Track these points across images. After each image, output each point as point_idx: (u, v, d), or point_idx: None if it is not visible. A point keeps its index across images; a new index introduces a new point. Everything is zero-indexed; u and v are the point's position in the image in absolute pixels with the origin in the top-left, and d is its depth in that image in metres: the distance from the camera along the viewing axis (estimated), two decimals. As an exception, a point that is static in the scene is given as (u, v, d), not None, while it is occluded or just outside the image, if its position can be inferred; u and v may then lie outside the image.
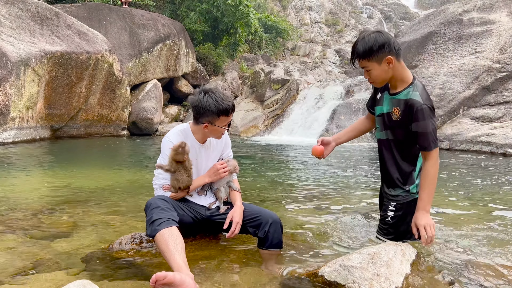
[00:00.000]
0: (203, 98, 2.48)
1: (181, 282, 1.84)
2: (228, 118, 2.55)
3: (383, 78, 2.34)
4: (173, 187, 2.52)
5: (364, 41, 2.25)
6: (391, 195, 2.53)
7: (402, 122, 2.35)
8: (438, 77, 12.41)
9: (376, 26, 31.23)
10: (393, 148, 2.48)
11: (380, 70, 2.29)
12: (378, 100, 2.52)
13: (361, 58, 2.29)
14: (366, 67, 2.31)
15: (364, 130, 2.79)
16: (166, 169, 2.51)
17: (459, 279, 2.20)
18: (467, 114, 11.89)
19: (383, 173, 2.61)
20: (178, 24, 17.66)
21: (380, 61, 2.25)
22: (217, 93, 2.50)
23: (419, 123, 2.26)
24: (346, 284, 1.93)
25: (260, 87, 18.72)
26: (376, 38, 2.23)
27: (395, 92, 2.38)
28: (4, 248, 2.60)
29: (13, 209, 3.70)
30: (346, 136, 2.75)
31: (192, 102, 2.54)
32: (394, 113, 2.37)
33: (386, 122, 2.45)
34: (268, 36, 25.85)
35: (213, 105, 2.45)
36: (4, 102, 9.69)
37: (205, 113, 2.48)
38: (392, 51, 2.25)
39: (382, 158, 2.57)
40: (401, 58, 2.31)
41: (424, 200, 2.31)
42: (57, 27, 12.00)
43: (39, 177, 5.81)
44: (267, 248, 2.54)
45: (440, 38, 13.20)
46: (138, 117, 14.71)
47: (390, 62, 2.25)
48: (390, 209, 2.54)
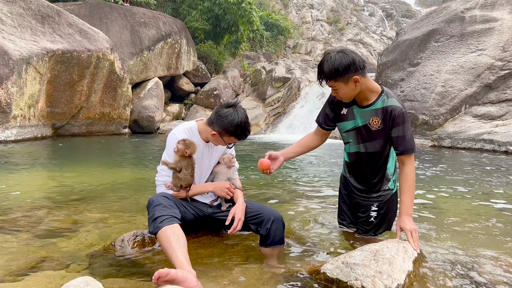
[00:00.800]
0: (231, 113, 2.46)
1: (184, 279, 1.84)
2: (237, 141, 2.56)
3: (351, 95, 2.38)
4: (175, 185, 2.53)
5: (329, 62, 2.27)
6: (373, 197, 2.64)
7: (383, 130, 2.40)
8: (440, 75, 12.39)
9: (378, 24, 31.20)
10: (372, 158, 2.53)
11: (348, 89, 2.33)
12: (344, 115, 2.54)
13: (328, 79, 2.32)
14: (333, 86, 2.35)
15: (312, 146, 2.79)
16: (171, 167, 2.52)
17: (462, 277, 2.20)
18: (469, 112, 11.86)
19: (361, 182, 2.67)
20: (179, 22, 17.64)
21: (347, 81, 2.29)
22: (242, 116, 2.47)
23: (400, 127, 2.33)
24: (348, 281, 1.93)
25: (262, 85, 18.71)
26: (341, 60, 2.24)
27: (368, 104, 2.41)
28: (7, 246, 2.60)
29: (16, 207, 3.71)
30: (294, 152, 2.75)
31: (217, 110, 2.51)
32: (373, 124, 2.41)
33: (363, 134, 2.47)
34: (270, 34, 25.82)
35: (235, 125, 2.44)
36: (6, 101, 9.70)
37: (221, 125, 2.46)
38: (358, 71, 2.27)
39: (360, 169, 2.62)
40: (366, 73, 2.34)
41: (407, 205, 2.37)
42: (59, 25, 12.00)
43: (41, 175, 5.82)
44: (269, 245, 2.55)
45: (442, 35, 13.16)
46: (140, 115, 14.72)
47: (356, 81, 2.29)
48: (372, 209, 2.65)
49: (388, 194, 2.64)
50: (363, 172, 2.63)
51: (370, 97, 2.41)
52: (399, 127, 2.34)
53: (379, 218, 2.66)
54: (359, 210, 2.74)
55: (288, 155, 2.70)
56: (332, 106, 2.62)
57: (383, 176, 2.61)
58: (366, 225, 2.70)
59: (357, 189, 2.72)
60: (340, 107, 2.56)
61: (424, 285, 2.04)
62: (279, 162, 2.63)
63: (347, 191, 2.85)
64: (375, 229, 2.70)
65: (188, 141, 2.49)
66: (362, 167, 2.61)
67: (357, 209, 2.78)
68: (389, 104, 2.36)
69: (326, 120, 2.68)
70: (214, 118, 2.51)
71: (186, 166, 2.51)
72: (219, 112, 2.49)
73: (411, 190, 2.38)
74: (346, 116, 2.54)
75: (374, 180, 2.61)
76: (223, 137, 2.51)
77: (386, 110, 2.36)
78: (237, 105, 2.52)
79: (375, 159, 2.54)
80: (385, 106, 2.36)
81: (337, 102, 2.58)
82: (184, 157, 2.50)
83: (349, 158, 2.67)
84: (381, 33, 30.34)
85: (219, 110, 2.51)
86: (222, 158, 2.70)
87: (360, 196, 2.71)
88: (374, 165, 2.56)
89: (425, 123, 12.00)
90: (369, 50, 27.71)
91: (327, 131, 2.74)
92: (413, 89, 12.62)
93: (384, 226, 2.73)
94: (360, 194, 2.71)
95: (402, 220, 2.36)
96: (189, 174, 2.53)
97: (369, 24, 31.12)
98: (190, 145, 2.48)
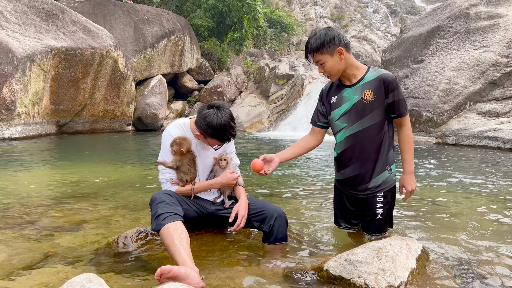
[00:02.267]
0: (210, 115, 2.38)
1: (186, 276, 1.84)
2: (221, 143, 2.51)
3: (337, 69, 2.49)
4: (180, 180, 2.52)
5: (316, 36, 2.45)
6: (375, 187, 2.59)
7: (377, 100, 2.49)
8: (445, 71, 12.32)
9: (382, 21, 31.06)
10: (372, 131, 2.53)
11: (333, 61, 2.46)
12: (334, 103, 2.62)
13: (315, 52, 2.47)
14: (320, 60, 2.48)
15: (308, 146, 2.78)
16: (168, 166, 2.51)
17: (466, 274, 2.19)
18: (474, 109, 11.79)
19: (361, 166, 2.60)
20: (182, 19, 17.63)
21: (332, 52, 2.44)
22: (224, 117, 2.38)
23: (395, 92, 2.47)
24: (351, 278, 1.93)
25: (265, 82, 18.68)
26: (327, 32, 2.44)
27: (358, 80, 2.53)
28: (11, 242, 2.62)
29: (20, 204, 3.73)
30: (289, 153, 2.73)
31: (199, 110, 2.46)
32: (366, 97, 2.49)
33: (359, 111, 2.52)
34: (273, 31, 25.76)
35: (213, 127, 2.37)
36: (10, 98, 9.74)
37: (203, 127, 2.40)
38: (342, 43, 2.44)
39: (359, 149, 2.57)
40: (350, 51, 2.51)
41: (410, 163, 2.60)
42: (62, 23, 12.02)
43: (45, 172, 5.84)
44: (272, 242, 2.54)
45: (446, 32, 13.08)
46: (143, 112, 14.74)
47: (341, 53, 2.43)
48: (378, 206, 2.62)
49: (391, 182, 2.60)
50: (362, 151, 2.56)
51: (357, 74, 2.53)
52: (395, 92, 2.47)
53: (385, 214, 2.63)
54: (362, 209, 2.70)
55: (283, 156, 2.67)
56: (323, 100, 2.70)
57: (386, 153, 2.57)
58: (374, 223, 2.65)
59: (356, 181, 2.63)
60: (330, 98, 2.64)
61: (427, 282, 2.04)
62: (274, 163, 2.59)
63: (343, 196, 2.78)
64: (383, 226, 2.66)
65: (179, 139, 2.47)
66: (361, 146, 2.56)
67: (360, 210, 2.73)
68: (381, 74, 2.48)
69: (318, 116, 2.72)
70: (196, 119, 2.46)
71: (188, 161, 2.51)
72: (200, 113, 2.43)
73: (412, 149, 2.60)
74: (336, 103, 2.61)
75: (376, 156, 2.55)
76: (206, 138, 2.47)
77: (379, 80, 2.47)
78: (221, 107, 2.43)
79: (376, 131, 2.53)
80: (377, 76, 2.48)
81: (327, 94, 2.68)
82: (183, 154, 2.49)
83: (344, 145, 2.61)
84: (385, 30, 30.22)
85: (201, 110, 2.45)
86: (215, 157, 2.67)
87: (361, 190, 2.63)
88: (374, 139, 2.54)
89: (429, 120, 11.94)
90: (373, 47, 27.59)
91: (321, 128, 2.73)
92: (417, 86, 12.56)
93: (389, 222, 2.71)
94: (361, 187, 2.62)
95: (406, 179, 2.61)
96: (192, 168, 2.54)
97: (373, 21, 30.99)
98: (183, 142, 2.47)
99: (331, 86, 2.67)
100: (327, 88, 2.71)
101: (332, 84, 2.67)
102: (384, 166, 2.59)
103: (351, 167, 2.63)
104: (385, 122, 2.54)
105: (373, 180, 2.58)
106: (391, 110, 2.52)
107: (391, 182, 2.62)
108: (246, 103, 17.96)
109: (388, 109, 2.52)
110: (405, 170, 2.61)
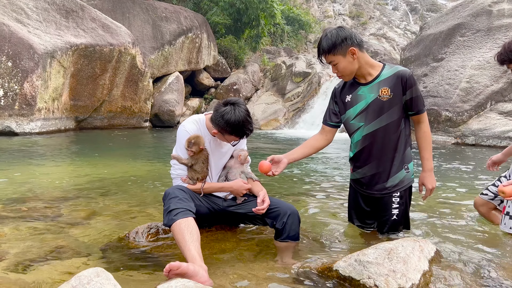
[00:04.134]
0: (228, 112, 2.39)
1: (194, 273, 1.84)
2: (239, 139, 2.51)
3: (351, 70, 2.45)
4: (191, 178, 2.53)
5: (327, 37, 2.39)
6: (392, 186, 2.55)
7: (394, 97, 2.44)
8: (465, 70, 12.05)
9: (402, 18, 30.59)
10: (390, 129, 2.50)
11: (346, 62, 2.41)
12: (349, 102, 2.57)
13: (327, 54, 2.42)
14: (333, 61, 2.43)
15: (317, 146, 2.73)
16: (182, 162, 2.52)
17: (481, 279, 2.13)
18: (495, 108, 11.51)
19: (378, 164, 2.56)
20: (200, 16, 17.70)
21: (345, 53, 2.39)
22: (241, 113, 2.39)
23: (413, 88, 2.42)
24: (360, 279, 1.90)
25: (281, 80, 18.62)
26: (338, 33, 2.38)
27: (373, 78, 2.47)
28: (25, 234, 2.67)
29: (37, 197, 3.80)
30: (298, 153, 2.69)
31: (216, 108, 2.47)
32: (383, 94, 2.44)
33: (376, 109, 2.48)
34: (290, 28, 25.62)
35: (232, 124, 2.38)
36: (31, 93, 9.95)
37: (221, 125, 2.41)
38: (354, 43, 2.39)
39: (376, 148, 2.53)
40: (363, 49, 2.46)
41: (429, 160, 2.55)
42: (82, 19, 12.20)
43: (63, 166, 5.94)
44: (284, 240, 2.53)
45: (468, 30, 12.79)
46: (160, 109, 14.87)
47: (354, 53, 2.38)
48: (394, 207, 2.58)
49: (408, 181, 2.57)
50: (380, 150, 2.53)
51: (372, 72, 2.48)
52: (412, 88, 2.42)
53: (400, 215, 2.58)
54: (378, 209, 2.66)
55: (292, 157, 2.63)
56: (336, 99, 2.66)
57: (403, 151, 2.53)
58: (390, 224, 2.61)
59: (374, 181, 2.59)
60: (344, 97, 2.60)
61: (440, 285, 1.99)
62: (283, 164, 2.56)
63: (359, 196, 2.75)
64: (398, 226, 2.62)
65: (194, 138, 2.46)
66: (379, 145, 2.52)
67: (375, 210, 2.69)
68: (397, 70, 2.43)
69: (330, 116, 2.68)
70: (213, 116, 2.46)
71: (203, 159, 2.52)
72: (218, 111, 2.43)
73: (430, 146, 2.55)
74: (351, 102, 2.56)
75: (393, 154, 2.52)
76: (224, 135, 2.47)
77: (396, 76, 2.42)
78: (237, 103, 2.43)
79: (393, 129, 2.49)
80: (394, 73, 2.43)
81: (340, 93, 2.63)
82: (200, 152, 2.49)
83: (361, 144, 2.57)
84: (405, 27, 29.74)
85: (217, 108, 2.45)
86: (239, 155, 2.67)
87: (378, 190, 2.58)
88: (391, 137, 2.51)
89: (448, 119, 11.72)
90: (392, 45, 27.20)
91: (332, 128, 2.70)
92: (437, 85, 12.33)
93: (404, 223, 2.66)
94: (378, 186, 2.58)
95: (426, 177, 2.55)
96: (205, 167, 2.53)
97: (393, 19, 30.54)
98: (198, 141, 2.46)
99: (345, 85, 2.62)
100: (340, 86, 2.66)
101: (345, 82, 2.61)
102: (401, 165, 2.54)
103: (368, 166, 2.60)
104: (402, 119, 2.50)
105: (390, 179, 2.55)
106: (409, 107, 2.48)
107: (409, 181, 2.58)
108: (262, 101, 17.93)
109: (406, 106, 2.48)
110: (424, 168, 2.56)
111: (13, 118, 9.80)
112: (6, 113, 9.71)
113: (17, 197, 3.80)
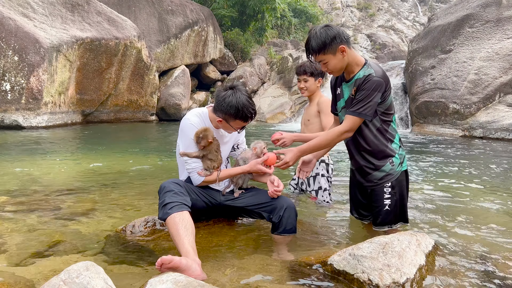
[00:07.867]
0: (229, 95, 2.42)
1: (187, 267, 1.84)
2: (245, 123, 2.52)
3: (341, 67, 2.46)
4: (207, 168, 2.52)
5: (316, 36, 2.38)
6: (378, 178, 2.56)
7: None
8: (474, 62, 11.88)
9: (411, 10, 30.21)
10: (362, 129, 2.50)
11: (336, 60, 2.42)
12: (338, 95, 2.63)
13: (317, 53, 2.41)
14: (323, 60, 2.44)
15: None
16: (193, 156, 2.51)
17: (479, 273, 2.11)
18: (504, 101, 11.34)
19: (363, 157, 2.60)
20: (206, 9, 17.63)
21: (335, 51, 2.39)
22: (243, 96, 2.43)
23: (363, 92, 2.37)
24: (354, 273, 1.88)
25: (288, 73, 18.52)
26: (327, 31, 2.36)
27: (351, 77, 2.48)
28: (24, 227, 2.69)
29: (40, 190, 3.83)
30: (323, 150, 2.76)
31: (217, 94, 2.50)
32: (354, 93, 2.45)
33: (349, 106, 2.49)
34: (297, 21, 25.44)
35: (234, 107, 2.40)
36: (37, 87, 10.01)
37: (224, 109, 2.43)
38: (343, 41, 2.39)
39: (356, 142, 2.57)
40: (351, 45, 2.46)
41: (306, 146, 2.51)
42: (88, 13, 12.22)
43: (69, 160, 5.98)
44: (280, 233, 2.52)
45: (477, 21, 12.58)
46: (167, 103, 14.89)
47: (343, 50, 2.39)
48: (385, 197, 2.57)
49: (395, 173, 2.55)
50: (358, 145, 2.57)
51: (355, 70, 2.48)
52: (363, 91, 2.38)
53: (393, 205, 2.56)
54: (372, 201, 2.65)
55: (319, 154, 2.79)
56: (332, 89, 2.72)
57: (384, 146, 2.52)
58: (382, 215, 2.60)
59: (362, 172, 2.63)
60: (336, 88, 2.65)
61: (437, 280, 1.97)
62: (312, 164, 2.75)
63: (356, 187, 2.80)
64: (390, 217, 2.60)
65: (203, 133, 2.45)
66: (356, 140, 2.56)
67: (369, 202, 2.69)
68: (367, 73, 2.39)
69: (333, 105, 2.76)
70: (215, 104, 2.50)
71: (216, 148, 2.53)
72: (218, 96, 2.48)
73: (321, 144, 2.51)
74: (339, 95, 2.62)
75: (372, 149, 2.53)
76: (229, 122, 2.48)
77: (362, 78, 2.40)
78: (236, 87, 2.48)
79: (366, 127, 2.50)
80: (363, 75, 2.41)
81: (334, 84, 2.68)
82: (210, 143, 2.49)
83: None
84: (414, 19, 29.37)
85: (218, 93, 2.50)
86: (254, 147, 2.67)
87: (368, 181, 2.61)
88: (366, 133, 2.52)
89: (455, 112, 11.58)
90: (400, 36, 26.92)
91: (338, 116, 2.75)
92: (444, 77, 12.17)
93: (399, 215, 2.64)
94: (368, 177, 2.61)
95: (290, 151, 2.52)
96: (219, 155, 2.56)
97: (401, 10, 30.17)
98: (207, 133, 2.46)
99: (337, 77, 2.66)
100: (334, 78, 2.71)
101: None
102: (384, 159, 2.54)
103: (353, 159, 2.69)
104: (375, 117, 2.49)
105: (375, 172, 2.57)
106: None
107: (396, 173, 2.56)
108: (268, 94, 17.87)
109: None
110: (298, 147, 2.54)
111: (19, 112, 9.88)
112: (13, 107, 9.79)
113: (20, 190, 3.83)
